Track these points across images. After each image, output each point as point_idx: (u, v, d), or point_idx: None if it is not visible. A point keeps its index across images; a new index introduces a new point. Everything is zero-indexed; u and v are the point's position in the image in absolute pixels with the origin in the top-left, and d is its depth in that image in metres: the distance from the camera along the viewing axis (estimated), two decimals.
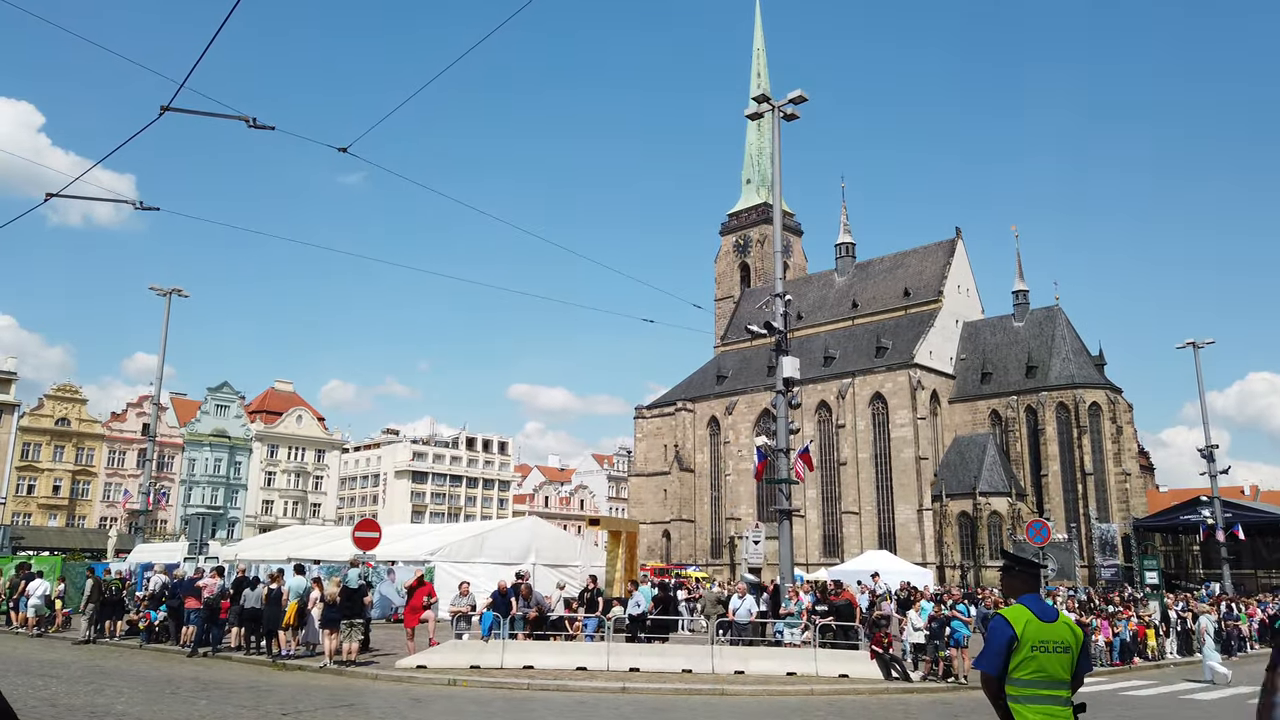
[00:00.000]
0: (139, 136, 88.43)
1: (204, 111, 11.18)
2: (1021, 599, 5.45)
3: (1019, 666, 5.09)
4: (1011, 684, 5.13)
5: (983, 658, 5.32)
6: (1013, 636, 5.12)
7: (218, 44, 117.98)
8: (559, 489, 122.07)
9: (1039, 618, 5.21)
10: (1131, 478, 77.35)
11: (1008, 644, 5.14)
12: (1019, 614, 5.24)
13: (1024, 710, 5.08)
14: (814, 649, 17.90)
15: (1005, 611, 5.35)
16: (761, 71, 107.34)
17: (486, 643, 17.60)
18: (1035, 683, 5.08)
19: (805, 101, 22.81)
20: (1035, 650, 5.09)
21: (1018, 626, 5.15)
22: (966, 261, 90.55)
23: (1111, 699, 16.35)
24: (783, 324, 21.69)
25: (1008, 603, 6.35)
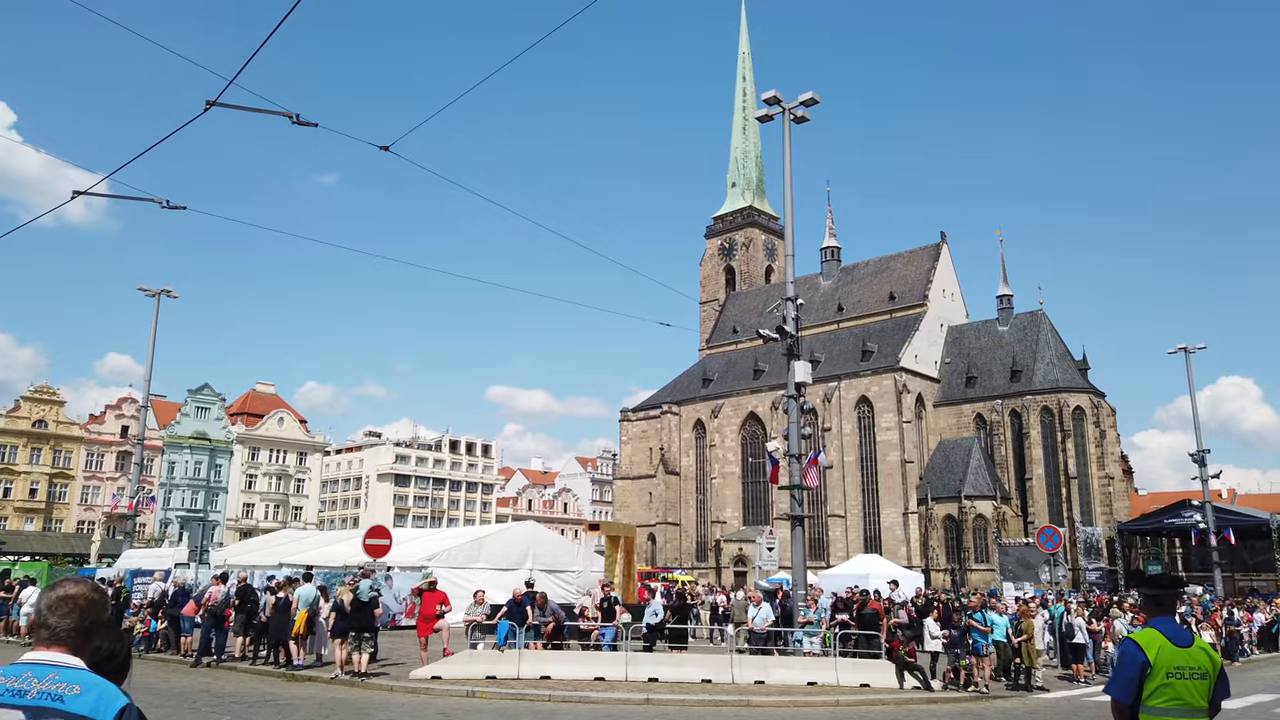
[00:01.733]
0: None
1: (248, 107, 10.84)
2: (1153, 622, 5.26)
3: (1154, 694, 4.92)
4: (1146, 712, 4.95)
5: (1113, 684, 5.13)
6: (1145, 662, 4.94)
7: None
8: (542, 492, 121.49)
9: (1173, 642, 5.02)
10: (1115, 481, 77.98)
11: (1140, 670, 4.95)
12: (1151, 638, 5.05)
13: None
14: (835, 658, 17.69)
15: (1136, 636, 5.16)
16: (747, 75, 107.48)
17: (502, 652, 17.25)
18: (1171, 711, 4.90)
19: (817, 104, 22.66)
20: (1171, 677, 4.92)
21: (1150, 652, 4.96)
22: (951, 265, 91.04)
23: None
24: (794, 328, 21.49)
25: None
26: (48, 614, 2.57)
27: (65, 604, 2.59)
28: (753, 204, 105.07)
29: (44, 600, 2.62)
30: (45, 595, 2.63)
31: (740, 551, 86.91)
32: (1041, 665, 18.35)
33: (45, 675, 2.43)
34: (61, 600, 2.60)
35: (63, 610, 2.57)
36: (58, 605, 2.58)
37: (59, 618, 2.57)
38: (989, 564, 72.57)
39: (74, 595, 2.63)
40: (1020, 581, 49.05)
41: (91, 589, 2.69)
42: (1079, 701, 16.80)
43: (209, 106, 9.94)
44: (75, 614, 2.59)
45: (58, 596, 2.62)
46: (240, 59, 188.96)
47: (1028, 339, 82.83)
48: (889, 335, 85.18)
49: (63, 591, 2.64)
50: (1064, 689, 18.56)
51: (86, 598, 2.65)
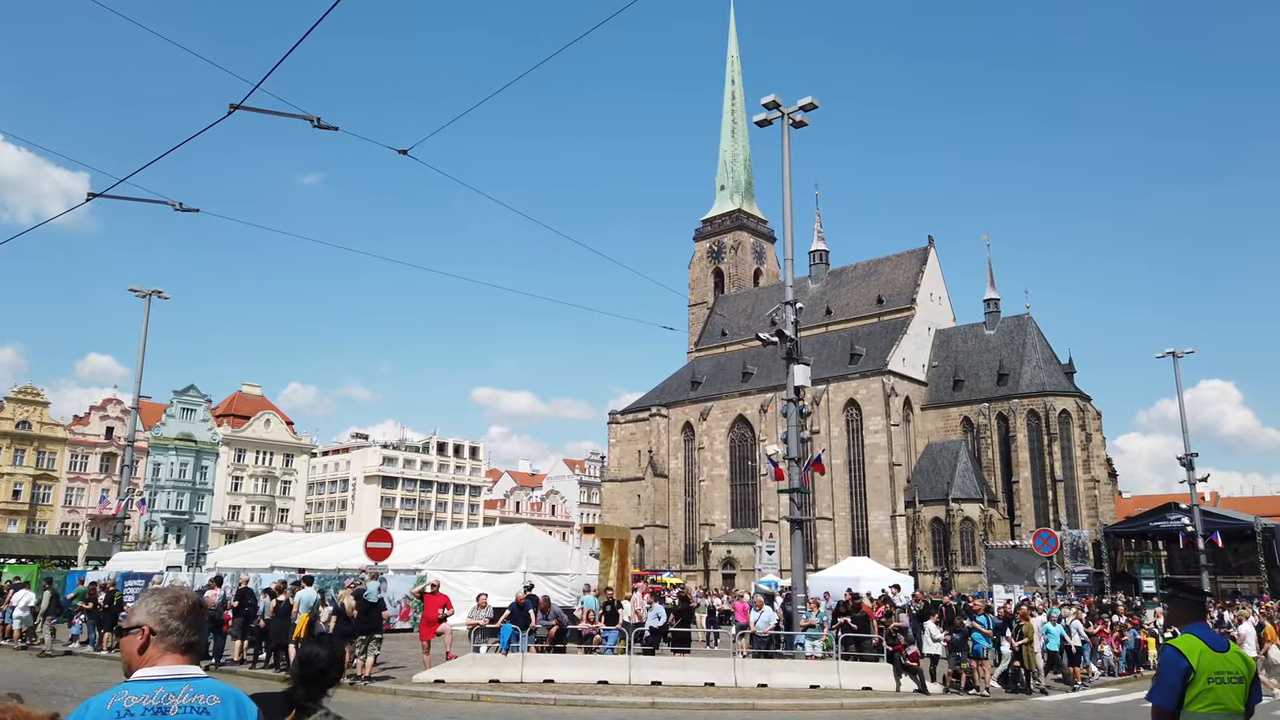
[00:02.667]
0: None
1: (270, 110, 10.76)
2: (1190, 628, 5.31)
3: (1195, 699, 4.95)
4: (1188, 718, 4.99)
5: (1156, 691, 5.15)
6: (1188, 668, 4.98)
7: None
8: (530, 494, 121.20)
9: (1211, 648, 5.08)
10: (1100, 484, 78.62)
11: (1183, 676, 4.99)
12: (1192, 644, 5.10)
13: None
14: (837, 661, 17.75)
15: (1177, 642, 5.19)
16: (736, 78, 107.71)
17: (506, 656, 17.21)
18: (1213, 715, 4.95)
19: (816, 109, 22.77)
20: (1211, 682, 4.97)
21: (1192, 658, 5.01)
22: (939, 269, 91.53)
23: (1138, 710, 16.37)
24: (794, 331, 21.56)
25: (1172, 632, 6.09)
26: (173, 620, 2.48)
27: (193, 612, 2.52)
28: (741, 207, 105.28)
29: (162, 605, 2.50)
30: (163, 599, 2.53)
31: (729, 554, 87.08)
32: (1043, 668, 18.46)
33: (180, 689, 2.36)
34: (190, 608, 2.53)
35: (188, 617, 2.50)
36: (185, 613, 2.50)
37: (183, 623, 2.49)
38: (976, 566, 72.96)
39: (196, 603, 2.58)
40: (1009, 584, 49.27)
41: (199, 595, 2.66)
42: (1080, 705, 16.93)
43: (233, 110, 9.87)
44: (196, 621, 2.54)
45: (188, 604, 2.53)
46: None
47: (1014, 342, 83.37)
48: (877, 338, 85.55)
49: (188, 598, 2.56)
50: (1063, 692, 18.70)
51: (203, 605, 2.61)
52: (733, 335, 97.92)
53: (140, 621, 2.51)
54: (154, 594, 2.58)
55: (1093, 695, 18.29)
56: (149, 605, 2.53)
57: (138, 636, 2.48)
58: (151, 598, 2.57)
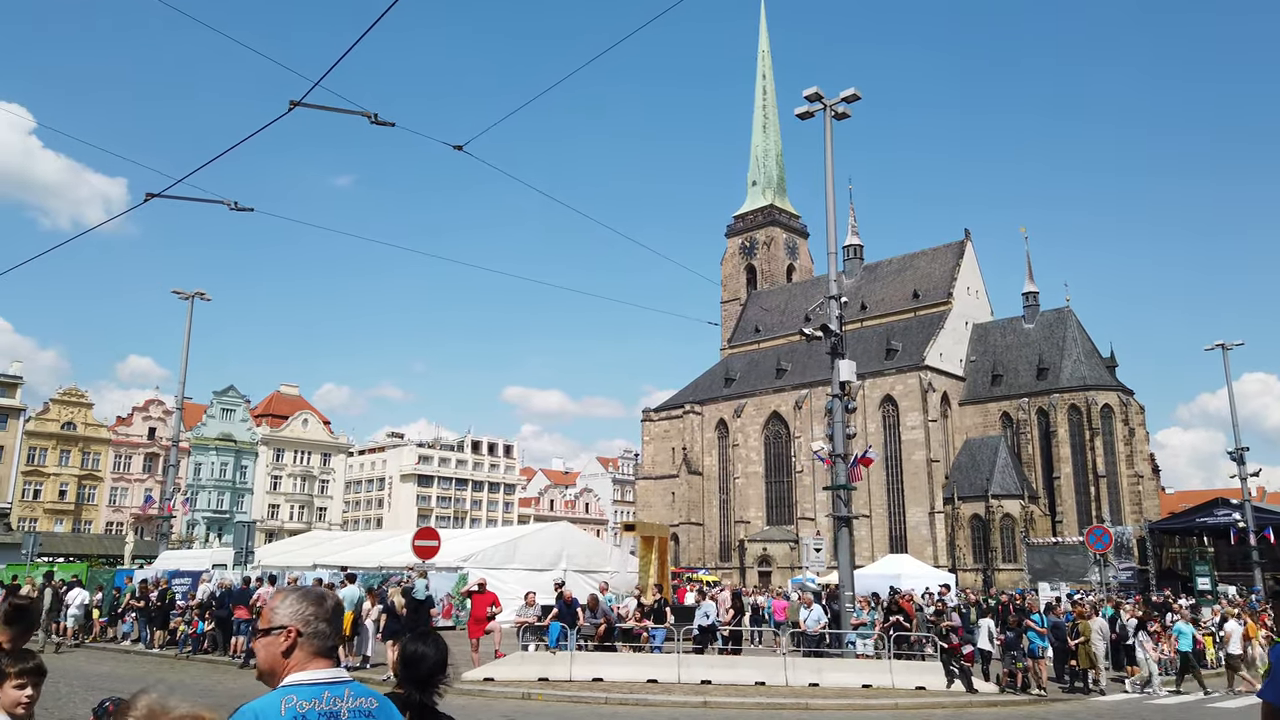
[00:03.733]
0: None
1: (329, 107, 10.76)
2: None
3: None
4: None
5: (1270, 688, 4.86)
6: None
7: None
8: (564, 492, 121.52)
9: None
10: (1144, 480, 77.15)
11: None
12: None
13: None
14: (889, 660, 17.47)
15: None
16: (767, 74, 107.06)
17: (554, 654, 17.14)
18: None
19: (859, 100, 22.44)
20: None
21: None
22: (975, 263, 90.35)
23: (1200, 711, 15.96)
24: (838, 326, 21.26)
25: None
26: (319, 622, 2.36)
27: (337, 614, 2.43)
28: (773, 202, 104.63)
29: (308, 606, 2.38)
30: (307, 600, 2.40)
31: (764, 551, 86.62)
32: (1103, 668, 18.05)
33: (343, 693, 2.27)
34: (334, 609, 2.43)
35: (332, 620, 2.41)
36: (330, 615, 2.40)
37: (329, 626, 2.39)
38: (1017, 564, 71.89)
39: (338, 604, 2.48)
40: (1055, 581, 48.49)
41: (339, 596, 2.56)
42: (1141, 705, 16.52)
43: (293, 106, 9.86)
44: (338, 623, 2.46)
45: (331, 606, 2.42)
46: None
47: (1054, 336, 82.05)
48: (913, 333, 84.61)
49: (331, 599, 2.45)
50: (1120, 692, 18.27)
51: (342, 607, 2.51)
52: (766, 332, 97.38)
53: (285, 623, 2.39)
54: (295, 595, 2.45)
55: (1153, 695, 17.84)
56: (293, 607, 2.41)
57: (281, 638, 2.37)
58: (293, 599, 2.44)
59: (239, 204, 12.57)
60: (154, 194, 11.27)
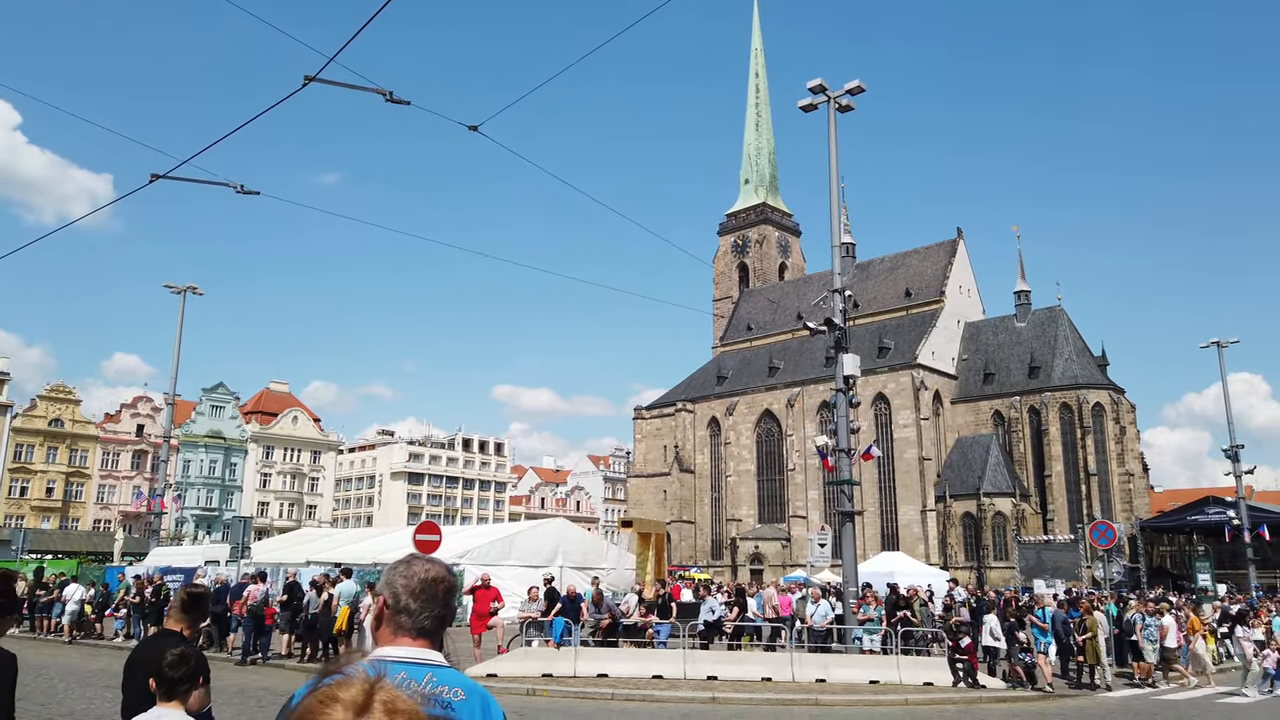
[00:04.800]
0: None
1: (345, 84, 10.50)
2: None
3: None
4: None
5: None
6: None
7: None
8: (555, 490, 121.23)
9: None
10: (1135, 478, 77.42)
11: None
12: None
13: None
14: (896, 656, 17.33)
15: None
16: (760, 72, 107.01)
17: (558, 650, 16.92)
18: None
19: (863, 92, 22.33)
20: None
21: None
22: (968, 261, 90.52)
23: (1211, 707, 15.87)
24: (842, 319, 21.12)
25: None
26: (405, 596, 2.13)
27: (427, 589, 2.16)
28: (766, 200, 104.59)
29: (398, 577, 2.16)
30: (398, 571, 2.18)
31: (756, 549, 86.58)
32: (1108, 664, 17.95)
33: (423, 676, 2.00)
34: (432, 583, 2.17)
35: (421, 595, 2.14)
36: (419, 590, 2.14)
37: (416, 602, 2.13)
38: (1009, 562, 72.01)
39: (441, 578, 2.21)
40: (1049, 579, 48.54)
41: (449, 570, 2.29)
42: (1150, 700, 16.43)
43: (308, 82, 9.59)
44: (442, 600, 2.18)
45: (429, 577, 2.17)
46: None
47: (1046, 335, 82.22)
48: (905, 332, 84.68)
49: (431, 572, 2.19)
50: (1127, 688, 18.18)
51: (450, 582, 2.25)
52: (759, 330, 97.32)
53: (379, 590, 2.20)
54: (395, 564, 2.24)
55: (1161, 691, 17.75)
56: (387, 575, 2.22)
57: (378, 605, 2.18)
58: (391, 567, 2.23)
59: (245, 187, 12.30)
60: (159, 175, 10.99)
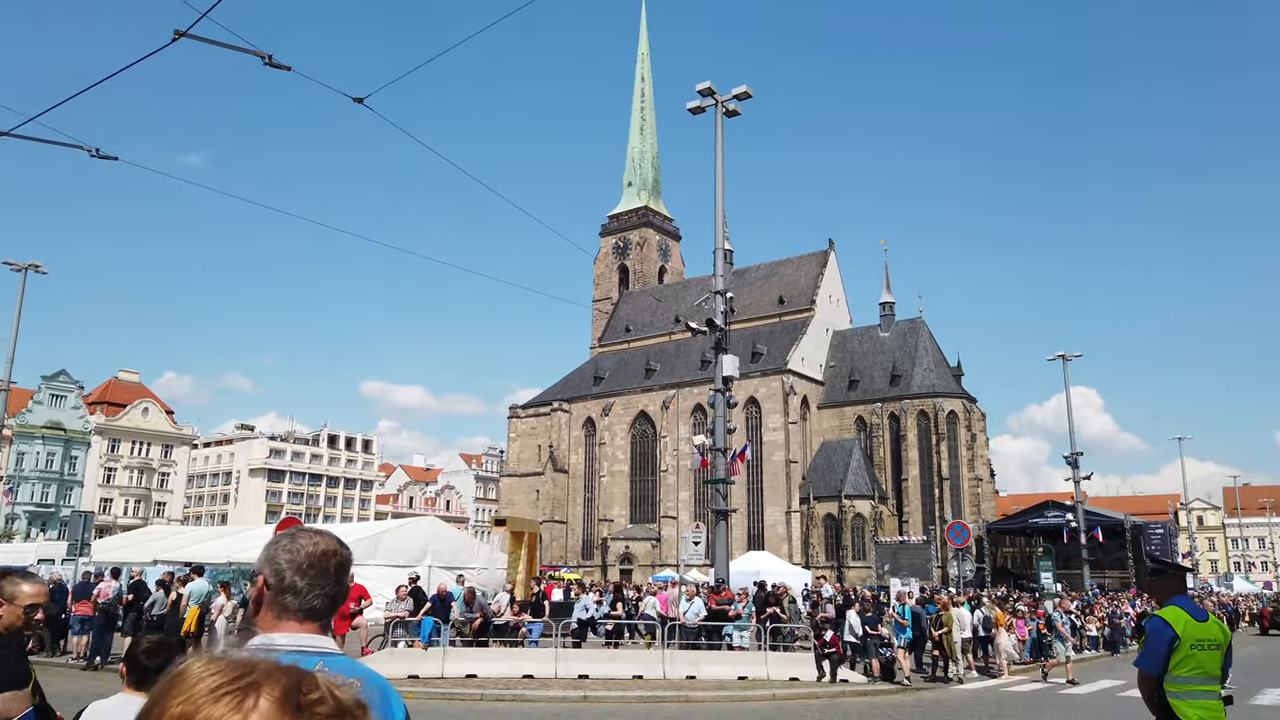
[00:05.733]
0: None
1: (218, 42, 9.67)
2: (1174, 601, 5.71)
3: (1179, 665, 5.33)
4: (1170, 681, 5.37)
5: (1144, 658, 5.56)
6: (1174, 637, 5.36)
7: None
8: (424, 489, 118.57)
9: (1193, 618, 5.47)
10: (983, 483, 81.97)
11: (1169, 644, 5.38)
12: (1176, 615, 5.48)
13: (1184, 706, 5.32)
14: (765, 652, 17.67)
15: (1163, 613, 5.56)
16: (646, 76, 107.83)
17: (426, 650, 16.45)
18: (1193, 679, 5.33)
19: (750, 98, 22.73)
20: (1194, 649, 5.35)
21: (1177, 627, 5.39)
22: (838, 272, 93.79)
23: (1054, 698, 16.87)
24: (723, 321, 21.43)
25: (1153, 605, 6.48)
26: (290, 574, 1.84)
27: (324, 561, 1.88)
28: (648, 204, 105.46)
29: (286, 554, 1.87)
30: (288, 547, 1.89)
31: (627, 550, 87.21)
32: (962, 657, 18.85)
33: (314, 666, 1.73)
34: (322, 557, 1.88)
35: (309, 572, 1.86)
36: (306, 566, 1.86)
37: (304, 580, 1.85)
38: (866, 561, 75.00)
39: (333, 551, 1.93)
40: (904, 577, 50.72)
41: (341, 543, 1.98)
42: (1000, 692, 17.33)
43: (177, 37, 8.78)
44: (334, 576, 1.91)
45: (318, 551, 1.88)
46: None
47: (907, 345, 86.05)
48: (778, 338, 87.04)
49: (320, 545, 1.91)
50: (978, 680, 19.14)
51: (344, 556, 1.94)
52: (637, 331, 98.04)
53: (257, 569, 1.92)
54: (276, 538, 1.95)
55: (1008, 683, 18.77)
56: (267, 551, 1.92)
57: (254, 587, 1.92)
58: (272, 542, 1.94)
59: (100, 151, 11.26)
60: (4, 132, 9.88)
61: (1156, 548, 67.43)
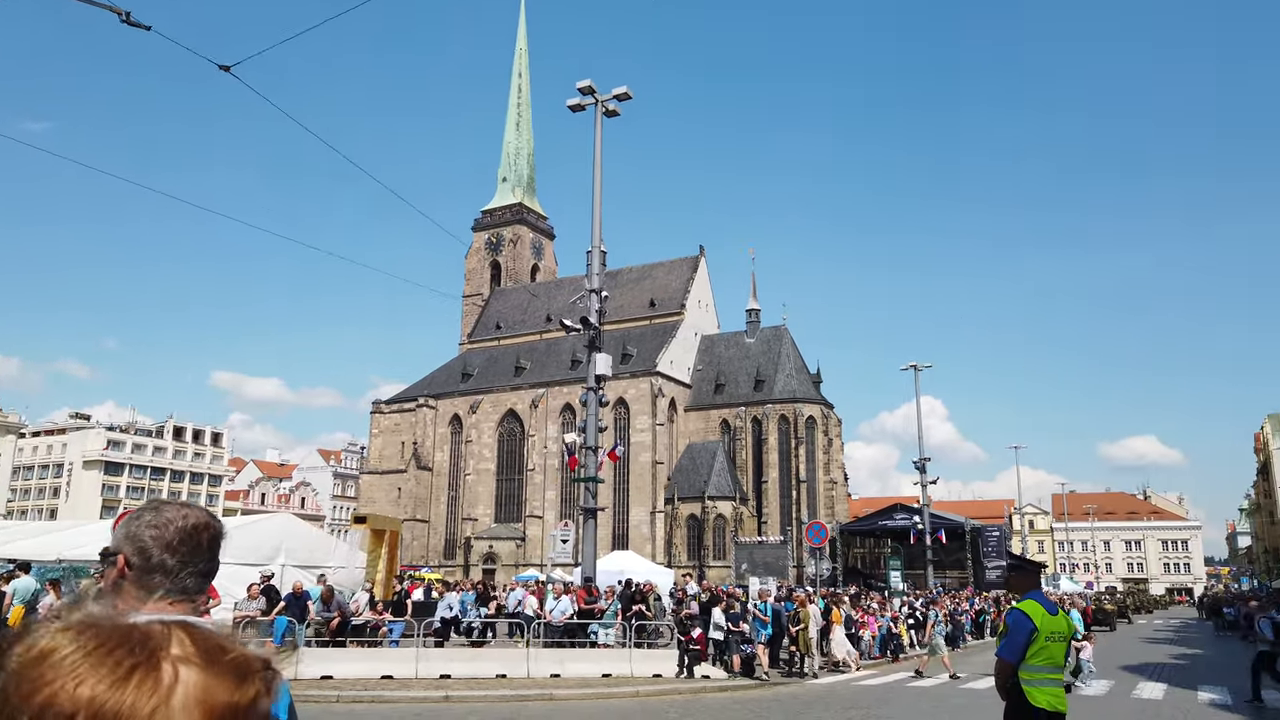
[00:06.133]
0: None
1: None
2: (1030, 595, 6.10)
3: (1034, 655, 5.71)
4: (1025, 669, 5.74)
5: (1005, 648, 5.93)
6: (1033, 629, 5.74)
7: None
8: (278, 485, 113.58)
9: (1047, 611, 5.88)
10: (837, 486, 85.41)
11: (1028, 635, 5.75)
12: (1034, 608, 5.87)
13: (1035, 692, 5.71)
14: (629, 649, 17.81)
15: (1022, 606, 5.95)
16: (523, 72, 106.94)
17: (278, 651, 15.73)
18: (1045, 668, 5.74)
19: (630, 99, 22.91)
20: (1048, 640, 5.75)
21: (1036, 620, 5.77)
22: (708, 278, 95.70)
23: (901, 690, 17.73)
24: (598, 319, 21.50)
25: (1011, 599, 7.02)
26: (157, 550, 1.67)
27: (196, 536, 1.71)
28: (523, 201, 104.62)
29: (151, 531, 1.69)
30: (153, 522, 1.71)
31: (491, 549, 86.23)
32: (816, 653, 19.54)
33: None
34: (194, 531, 1.71)
35: (179, 548, 1.69)
36: (176, 542, 1.69)
37: (172, 557, 1.68)
38: (726, 561, 76.79)
39: (205, 524, 1.76)
40: (763, 576, 52.19)
41: (212, 515, 1.81)
42: (852, 686, 18.07)
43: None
44: (208, 551, 1.75)
45: (189, 525, 1.71)
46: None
47: (771, 351, 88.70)
48: (648, 341, 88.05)
49: (191, 518, 1.73)
50: (832, 675, 19.90)
51: (216, 529, 1.78)
52: (508, 329, 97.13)
53: (115, 547, 1.72)
54: (136, 513, 1.76)
55: (860, 678, 19.60)
56: (127, 527, 1.73)
57: (114, 569, 1.71)
58: (133, 518, 1.75)
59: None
60: None
61: (993, 549, 71.75)
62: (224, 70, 10.88)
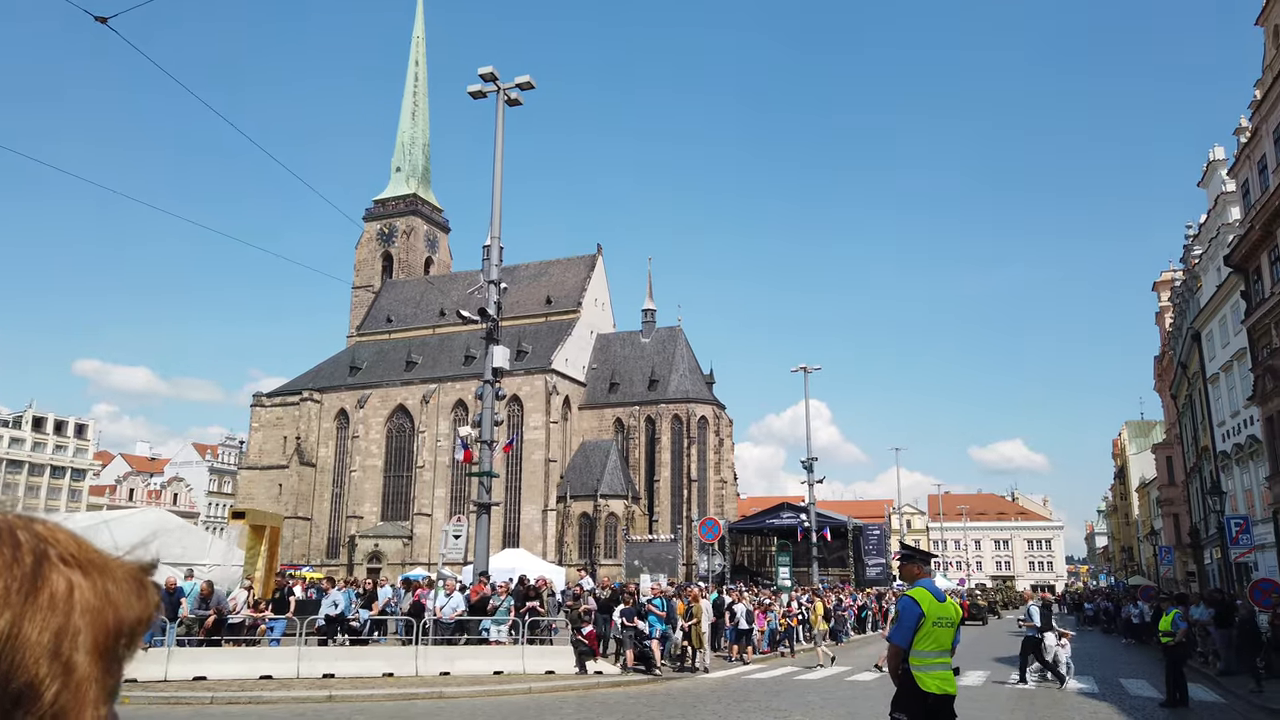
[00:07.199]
0: None
1: None
2: (920, 583, 6.36)
3: (922, 639, 5.94)
4: (915, 655, 5.95)
5: (897, 633, 6.16)
6: (921, 615, 5.97)
7: None
8: (148, 480, 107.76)
9: (936, 598, 6.12)
10: (727, 485, 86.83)
11: (917, 621, 5.98)
12: (923, 595, 6.10)
13: (924, 676, 5.92)
14: (522, 646, 17.54)
15: (912, 593, 6.18)
16: (420, 60, 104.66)
17: (146, 651, 14.82)
18: (932, 653, 5.96)
19: (532, 89, 22.61)
20: (935, 626, 5.97)
21: (924, 605, 6.00)
22: (605, 277, 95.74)
23: (791, 683, 18.03)
24: (496, 311, 21.11)
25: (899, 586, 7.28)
26: None
27: None
28: (417, 192, 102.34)
29: None
30: None
31: (376, 547, 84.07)
32: (708, 647, 19.69)
33: None
34: None
35: None
36: None
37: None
38: (617, 559, 77.03)
39: None
40: (654, 574, 52.55)
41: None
42: (743, 680, 18.28)
43: None
44: None
45: None
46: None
47: (666, 352, 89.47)
48: (543, 338, 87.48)
49: None
50: (724, 668, 20.10)
51: None
52: (399, 322, 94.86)
53: None
54: None
55: (750, 670, 19.85)
56: None
57: None
58: None
59: None
60: None
61: (874, 547, 74.33)
62: (100, 21, 10.07)
